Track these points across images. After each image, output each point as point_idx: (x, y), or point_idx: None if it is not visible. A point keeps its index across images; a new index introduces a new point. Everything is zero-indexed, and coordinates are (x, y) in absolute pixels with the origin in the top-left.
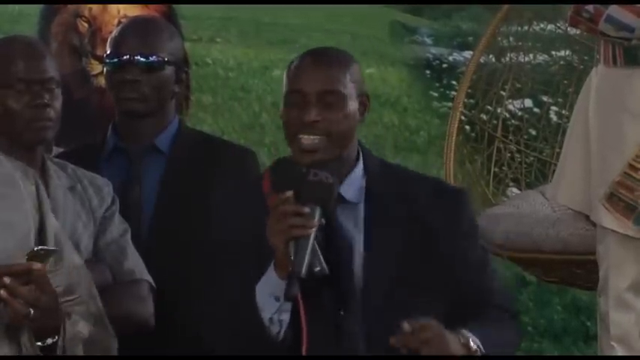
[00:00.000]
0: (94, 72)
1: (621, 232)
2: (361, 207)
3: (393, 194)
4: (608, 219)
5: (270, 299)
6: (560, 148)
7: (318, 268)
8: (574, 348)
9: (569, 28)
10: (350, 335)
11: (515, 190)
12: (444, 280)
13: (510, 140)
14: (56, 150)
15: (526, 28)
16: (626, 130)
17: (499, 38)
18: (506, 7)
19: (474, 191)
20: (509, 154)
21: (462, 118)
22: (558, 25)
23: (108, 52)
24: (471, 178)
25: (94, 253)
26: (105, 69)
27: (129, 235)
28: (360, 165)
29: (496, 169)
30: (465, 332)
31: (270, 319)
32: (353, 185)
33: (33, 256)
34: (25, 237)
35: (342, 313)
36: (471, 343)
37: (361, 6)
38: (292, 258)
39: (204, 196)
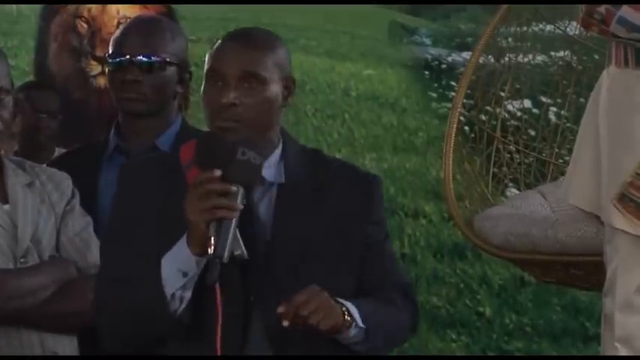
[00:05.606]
0: (93, 72)
1: (632, 232)
2: (274, 189)
3: (305, 179)
4: (619, 219)
5: (178, 274)
6: (559, 148)
7: (238, 252)
8: (573, 349)
9: (567, 29)
10: (258, 322)
11: (514, 190)
12: (350, 263)
13: (509, 140)
14: (58, 151)
15: (525, 28)
16: (637, 130)
17: (498, 39)
18: (504, 7)
19: (473, 191)
20: (508, 155)
21: (461, 118)
22: (557, 25)
23: (110, 51)
24: (470, 178)
25: (58, 248)
26: (107, 69)
27: (91, 228)
28: (280, 148)
29: (495, 170)
30: (345, 302)
31: (173, 294)
32: (271, 167)
33: None
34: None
35: (252, 299)
36: (346, 316)
37: (360, 6)
38: (212, 239)
39: None
